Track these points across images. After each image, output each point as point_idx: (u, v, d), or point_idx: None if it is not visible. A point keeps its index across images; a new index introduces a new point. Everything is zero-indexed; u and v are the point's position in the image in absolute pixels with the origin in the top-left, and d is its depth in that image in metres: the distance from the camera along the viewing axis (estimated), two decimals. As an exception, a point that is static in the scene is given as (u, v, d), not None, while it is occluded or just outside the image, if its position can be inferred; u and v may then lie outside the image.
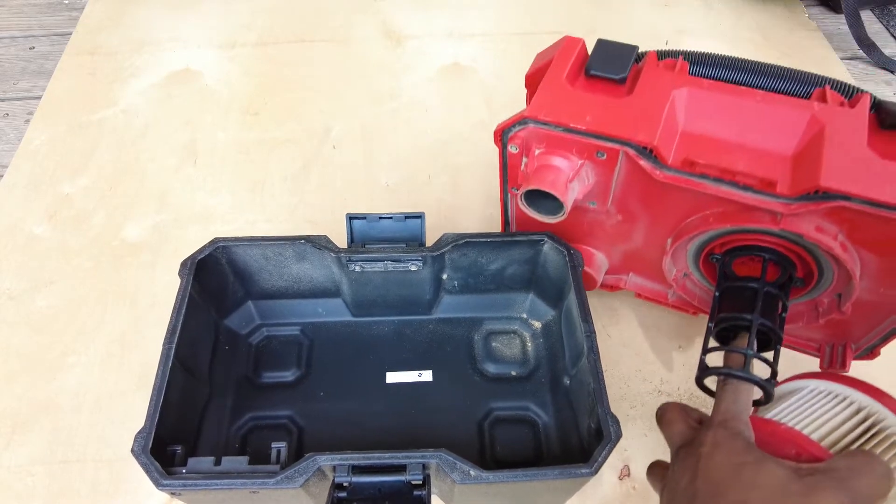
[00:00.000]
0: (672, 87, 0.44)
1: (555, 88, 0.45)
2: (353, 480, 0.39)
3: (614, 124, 0.42)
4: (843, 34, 0.90)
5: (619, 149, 0.42)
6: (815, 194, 0.38)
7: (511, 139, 0.45)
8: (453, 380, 0.54)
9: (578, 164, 0.44)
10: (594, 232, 0.52)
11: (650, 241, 0.50)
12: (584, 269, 0.51)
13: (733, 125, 0.43)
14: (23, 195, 0.68)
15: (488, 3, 0.93)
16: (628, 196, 0.46)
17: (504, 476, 0.39)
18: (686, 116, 0.44)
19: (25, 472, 0.50)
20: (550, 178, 0.43)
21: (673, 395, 0.55)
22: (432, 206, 0.68)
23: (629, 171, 0.44)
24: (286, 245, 0.51)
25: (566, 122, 0.43)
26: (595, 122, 0.42)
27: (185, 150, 0.73)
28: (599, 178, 0.45)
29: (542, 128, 0.43)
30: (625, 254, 0.53)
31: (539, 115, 0.43)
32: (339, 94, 0.80)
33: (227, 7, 0.91)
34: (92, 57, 0.83)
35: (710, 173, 0.41)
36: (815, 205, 0.38)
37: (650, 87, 0.44)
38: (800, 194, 0.39)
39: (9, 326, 0.58)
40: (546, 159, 0.44)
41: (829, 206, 0.38)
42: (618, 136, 0.42)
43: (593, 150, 0.43)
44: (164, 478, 0.38)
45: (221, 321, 0.54)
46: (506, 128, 0.44)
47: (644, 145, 0.42)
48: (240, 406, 0.52)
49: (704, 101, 0.44)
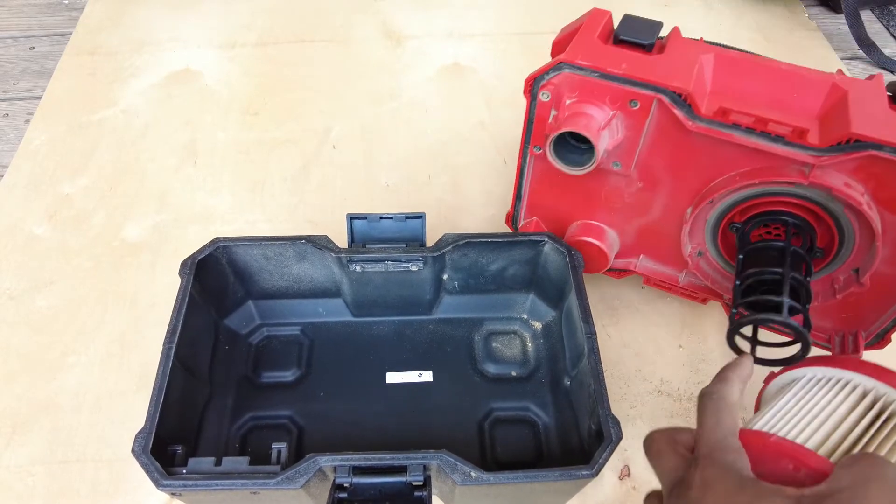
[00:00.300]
0: (699, 52, 0.45)
1: (588, 43, 0.45)
2: (353, 481, 0.39)
3: (650, 72, 0.43)
4: (843, 34, 0.90)
5: (653, 96, 0.43)
6: (847, 143, 0.39)
7: (543, 87, 0.45)
8: (453, 380, 0.54)
9: (610, 114, 0.44)
10: (611, 203, 0.52)
11: (669, 212, 0.50)
12: (596, 244, 0.52)
13: (759, 87, 0.44)
14: (23, 195, 0.68)
15: (488, 3, 0.93)
16: (654, 156, 0.47)
17: (505, 477, 0.39)
18: (713, 78, 0.45)
19: (25, 472, 0.50)
20: (584, 121, 0.44)
21: (673, 395, 0.55)
22: (432, 207, 0.68)
23: (660, 123, 0.44)
24: (287, 245, 0.51)
25: (604, 66, 0.43)
26: (631, 69, 0.43)
27: (185, 151, 0.73)
28: (628, 133, 0.45)
29: (577, 73, 0.43)
30: (639, 231, 0.53)
31: (576, 58, 0.43)
32: (339, 94, 0.80)
33: (227, 7, 0.91)
34: (92, 57, 0.83)
35: (742, 122, 0.41)
36: (845, 155, 0.39)
37: (680, 50, 0.45)
38: (831, 144, 0.40)
39: (9, 326, 0.58)
40: (579, 107, 0.44)
41: (859, 157, 0.39)
42: (654, 81, 0.42)
43: (627, 99, 0.43)
44: (164, 478, 0.38)
45: (221, 321, 0.54)
46: (538, 75, 0.45)
47: (679, 92, 0.42)
48: (240, 406, 0.52)
49: (730, 65, 0.45)
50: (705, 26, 0.89)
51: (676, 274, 0.55)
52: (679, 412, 0.54)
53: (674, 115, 0.43)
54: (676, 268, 0.55)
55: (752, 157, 0.43)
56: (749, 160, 0.43)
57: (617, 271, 0.57)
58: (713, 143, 0.43)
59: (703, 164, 0.45)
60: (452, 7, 0.92)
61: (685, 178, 0.47)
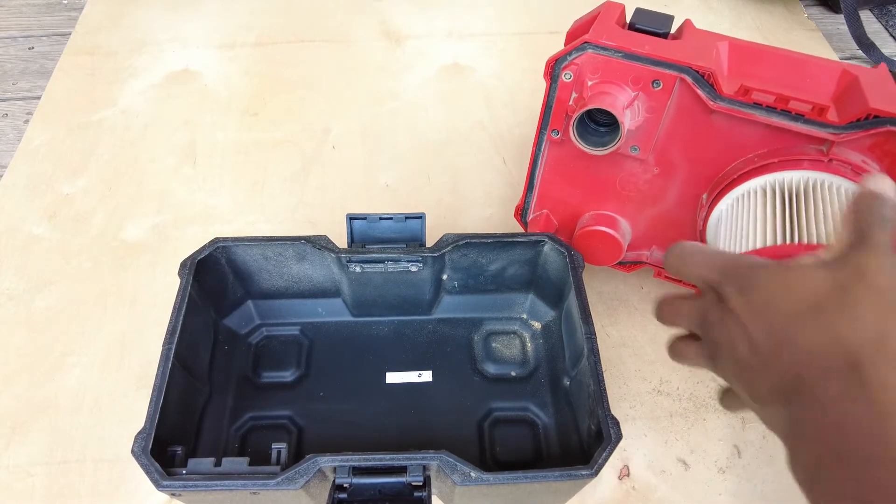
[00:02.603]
0: (714, 39, 0.46)
1: (609, 27, 0.46)
2: (353, 482, 0.39)
3: (672, 52, 0.44)
4: (842, 34, 0.90)
5: (676, 76, 0.43)
6: (866, 120, 0.40)
7: (566, 67, 0.45)
8: (453, 380, 0.54)
9: (632, 95, 0.45)
10: (625, 191, 0.52)
11: (683, 200, 0.51)
12: (610, 233, 0.52)
13: (773, 72, 0.45)
14: (22, 195, 0.68)
15: (488, 3, 0.93)
16: (672, 139, 0.47)
17: (505, 478, 0.39)
18: (729, 63, 0.46)
19: (25, 472, 0.50)
20: (610, 99, 0.44)
21: (672, 395, 0.55)
22: (432, 206, 0.68)
23: (681, 104, 0.45)
24: (286, 245, 0.51)
25: (628, 46, 0.43)
26: (654, 50, 0.43)
27: (184, 151, 0.73)
28: (648, 115, 0.46)
29: (600, 54, 0.44)
30: (652, 220, 0.53)
31: (600, 39, 0.44)
32: (339, 94, 0.80)
33: (226, 7, 0.91)
34: (91, 57, 0.83)
35: (763, 102, 0.42)
36: (864, 132, 0.40)
37: (695, 38, 0.46)
38: (850, 121, 0.41)
39: (8, 327, 0.58)
40: (601, 87, 0.45)
41: (877, 133, 0.40)
42: (678, 61, 0.43)
43: (650, 79, 0.44)
44: (164, 479, 0.38)
45: (221, 321, 0.54)
46: (560, 56, 0.45)
47: (702, 72, 0.43)
48: (239, 406, 0.52)
49: (744, 51, 0.46)
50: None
51: None
52: (679, 412, 0.54)
53: (696, 94, 0.43)
54: None
55: (771, 138, 0.44)
56: (767, 141, 0.44)
57: (628, 264, 0.57)
58: (733, 123, 0.44)
59: (721, 147, 0.46)
60: (452, 7, 0.92)
61: (702, 162, 0.48)
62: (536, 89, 0.80)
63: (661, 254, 0.56)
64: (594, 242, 0.54)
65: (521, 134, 0.75)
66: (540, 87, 0.80)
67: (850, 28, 0.87)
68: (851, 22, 0.86)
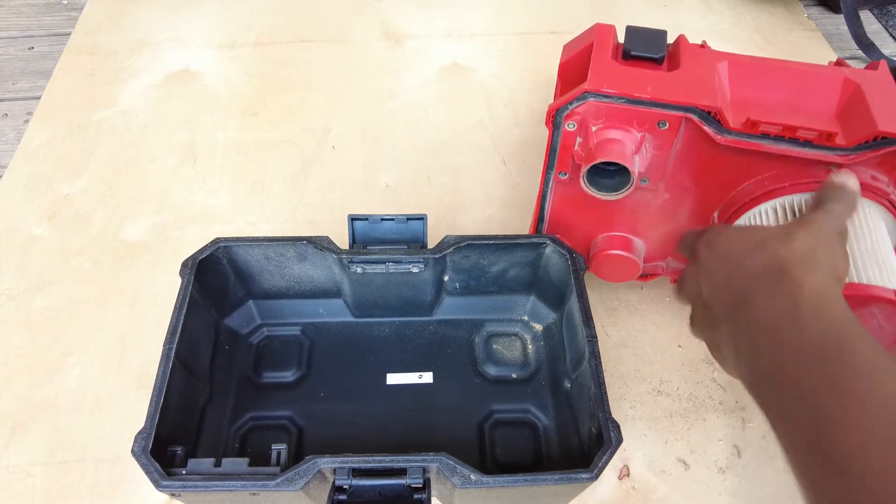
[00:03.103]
0: (714, 61, 0.45)
1: (605, 66, 0.45)
2: (353, 483, 0.39)
3: (676, 92, 0.43)
4: (842, 34, 0.90)
5: (682, 116, 0.43)
6: (875, 141, 0.40)
7: (568, 117, 0.44)
8: (454, 382, 0.54)
9: (639, 136, 0.44)
10: (637, 216, 0.52)
11: (696, 217, 0.51)
12: (627, 256, 0.52)
13: (775, 91, 0.45)
14: (22, 195, 0.68)
15: (488, 3, 0.93)
16: (682, 168, 0.47)
17: (504, 481, 0.39)
18: (731, 88, 0.45)
19: (25, 472, 0.50)
20: (618, 149, 0.44)
21: (672, 395, 0.55)
22: (432, 207, 0.68)
23: (688, 139, 0.45)
24: (288, 245, 0.51)
25: (630, 92, 0.43)
26: (657, 91, 0.43)
27: (184, 151, 0.73)
28: (657, 151, 0.46)
29: (602, 101, 0.43)
30: (665, 236, 0.53)
31: (601, 87, 0.43)
32: (339, 94, 0.80)
33: (226, 7, 0.91)
34: (91, 57, 0.83)
35: (771, 132, 0.42)
36: (873, 152, 0.40)
37: (694, 62, 0.45)
38: (858, 143, 0.41)
39: (8, 327, 0.58)
40: (606, 134, 0.44)
41: (885, 153, 0.40)
42: (682, 102, 0.42)
43: (655, 120, 0.43)
44: (163, 479, 0.38)
45: (222, 321, 0.54)
46: (561, 106, 0.44)
47: (709, 110, 0.42)
48: (240, 406, 0.52)
49: (744, 71, 0.45)
50: (705, 26, 0.89)
51: None
52: (679, 412, 0.54)
53: (703, 131, 0.43)
54: None
55: (780, 162, 0.44)
56: (777, 164, 0.44)
57: (645, 276, 0.57)
58: (742, 152, 0.44)
59: (731, 172, 0.46)
60: (452, 7, 0.92)
61: (712, 186, 0.48)
62: (536, 89, 0.80)
63: (676, 264, 0.56)
64: (611, 265, 0.54)
65: (521, 134, 0.75)
66: (540, 86, 0.80)
67: (850, 28, 0.87)
68: (851, 22, 0.86)
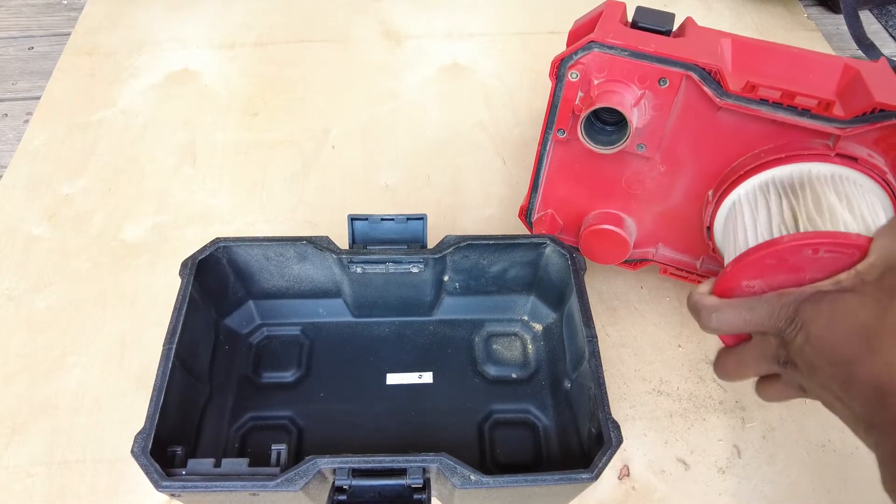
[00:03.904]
0: (718, 36, 0.46)
1: (613, 26, 0.46)
2: (353, 483, 0.39)
3: (678, 50, 0.44)
4: (842, 34, 0.90)
5: (683, 74, 0.43)
6: (871, 113, 0.40)
7: (571, 67, 0.45)
8: (454, 382, 0.54)
9: (639, 93, 0.45)
10: (631, 190, 0.52)
11: (690, 196, 0.51)
12: (616, 231, 0.52)
13: (776, 68, 0.45)
14: (22, 196, 0.68)
15: (487, 3, 0.93)
16: (679, 137, 0.47)
17: (504, 481, 0.39)
18: (733, 60, 0.46)
19: (25, 472, 0.50)
20: (617, 98, 0.44)
21: (672, 395, 0.55)
22: (432, 207, 0.68)
23: (688, 102, 0.45)
24: (287, 245, 0.51)
25: (634, 45, 0.43)
26: (660, 47, 0.44)
27: (184, 151, 0.73)
28: (655, 114, 0.46)
29: (607, 53, 0.44)
30: (658, 217, 0.54)
31: (606, 38, 0.44)
32: (339, 94, 0.80)
33: (226, 7, 0.91)
34: (91, 57, 0.83)
35: (770, 97, 0.42)
36: (870, 125, 0.41)
37: (699, 35, 0.46)
38: (856, 115, 0.41)
39: (8, 326, 0.58)
40: (608, 86, 0.45)
41: (882, 127, 0.41)
42: (684, 59, 0.43)
43: (657, 77, 0.44)
44: (163, 479, 0.38)
45: (221, 321, 0.54)
46: (566, 56, 0.45)
47: (709, 69, 0.43)
48: (239, 406, 0.52)
49: (747, 48, 0.46)
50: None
51: (694, 261, 0.56)
52: (679, 412, 0.54)
53: (703, 91, 0.44)
54: (695, 255, 0.55)
55: (777, 134, 0.44)
56: (773, 136, 0.44)
57: (633, 262, 0.57)
58: (739, 119, 0.44)
59: (728, 143, 0.46)
60: (452, 7, 0.92)
61: (709, 159, 0.48)
62: (536, 89, 0.80)
63: (667, 251, 0.56)
64: (600, 241, 0.54)
65: (520, 134, 0.75)
66: (540, 86, 0.80)
67: (850, 28, 0.87)
68: (851, 22, 0.86)
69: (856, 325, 0.31)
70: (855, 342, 0.30)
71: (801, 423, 0.53)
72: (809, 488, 0.50)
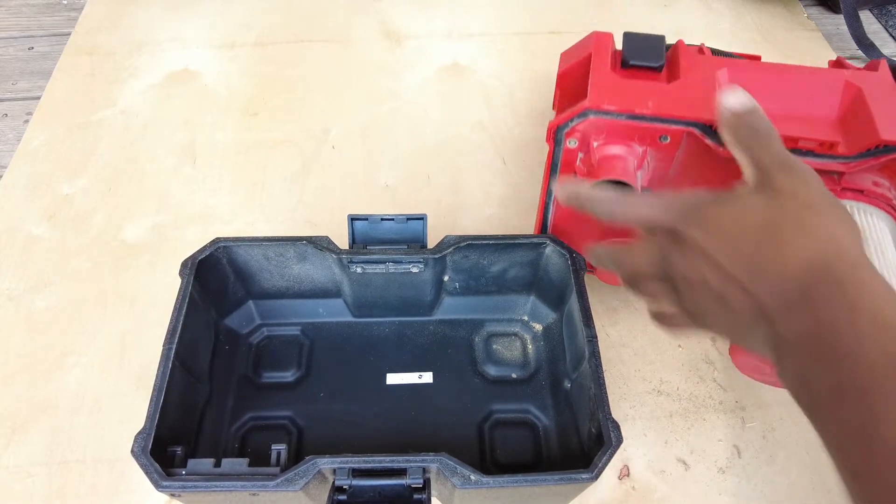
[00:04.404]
0: (713, 68, 0.45)
1: (605, 79, 0.44)
2: (353, 483, 0.39)
3: (677, 106, 0.43)
4: (842, 34, 0.90)
5: (683, 130, 0.43)
6: (877, 149, 0.40)
7: (569, 134, 0.44)
8: (454, 382, 0.54)
9: (640, 151, 0.44)
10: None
11: None
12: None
13: (777, 97, 0.44)
14: (22, 196, 0.68)
15: (487, 3, 0.93)
16: (683, 178, 0.47)
17: (504, 481, 0.39)
18: None
19: (25, 472, 0.50)
20: (620, 167, 0.43)
21: (672, 395, 0.55)
22: (432, 207, 0.68)
23: (690, 152, 0.44)
24: (287, 245, 0.51)
25: (631, 108, 0.42)
26: (658, 106, 0.42)
27: (184, 151, 0.73)
28: (658, 164, 0.45)
29: (603, 118, 0.43)
30: None
31: (602, 104, 0.43)
32: (339, 94, 0.80)
33: (226, 7, 0.91)
34: (91, 57, 0.83)
35: None
36: (875, 159, 0.40)
37: (693, 70, 0.45)
38: (860, 152, 0.41)
39: (8, 326, 0.58)
40: (608, 149, 0.44)
41: (889, 159, 0.40)
42: (683, 117, 0.42)
43: (657, 135, 0.43)
44: (163, 479, 0.38)
45: (221, 321, 0.54)
46: (562, 123, 0.44)
47: (710, 124, 0.42)
48: (239, 406, 0.52)
49: (745, 77, 0.45)
50: (704, 26, 0.89)
51: None
52: (679, 412, 0.54)
53: (705, 144, 0.43)
54: None
55: None
56: None
57: None
58: None
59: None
60: (452, 7, 0.92)
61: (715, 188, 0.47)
62: (536, 89, 0.80)
63: None
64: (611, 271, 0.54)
65: (520, 134, 0.75)
66: (540, 86, 0.80)
67: (850, 28, 0.87)
68: (851, 22, 0.86)
69: (757, 219, 0.32)
70: (761, 234, 0.32)
71: (801, 423, 0.53)
72: (809, 488, 0.50)
